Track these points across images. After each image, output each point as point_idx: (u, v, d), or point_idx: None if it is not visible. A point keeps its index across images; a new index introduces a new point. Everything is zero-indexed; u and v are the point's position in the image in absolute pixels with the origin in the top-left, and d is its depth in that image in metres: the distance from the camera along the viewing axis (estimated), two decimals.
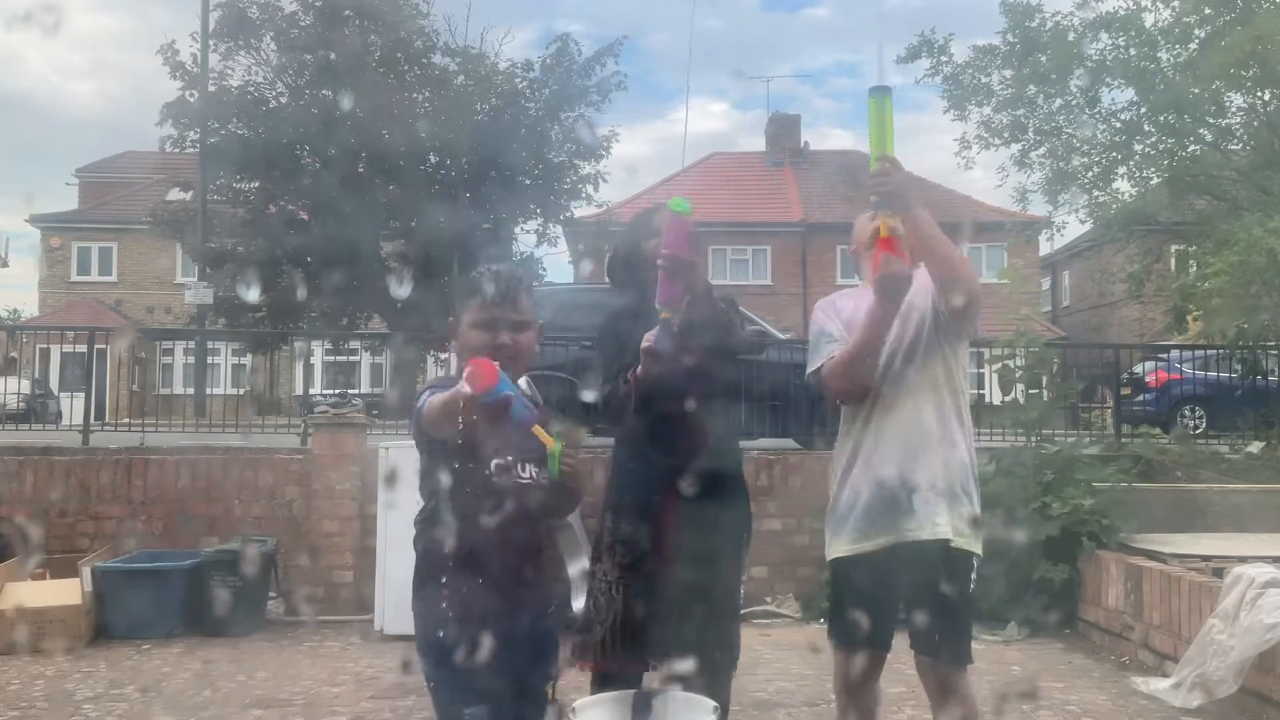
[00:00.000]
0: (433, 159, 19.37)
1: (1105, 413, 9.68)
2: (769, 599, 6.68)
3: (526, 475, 2.18)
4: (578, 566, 3.07)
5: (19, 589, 5.76)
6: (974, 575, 2.67)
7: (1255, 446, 8.09)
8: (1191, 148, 16.02)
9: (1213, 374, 10.80)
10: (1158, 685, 4.66)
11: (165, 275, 28.06)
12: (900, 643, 2.80)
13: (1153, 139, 16.13)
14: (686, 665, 2.50)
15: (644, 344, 2.63)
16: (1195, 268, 13.07)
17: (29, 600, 5.62)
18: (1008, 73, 16.95)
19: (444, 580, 2.15)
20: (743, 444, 7.64)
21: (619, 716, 2.46)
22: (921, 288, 2.63)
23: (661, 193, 29.26)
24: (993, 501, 6.27)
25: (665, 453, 2.80)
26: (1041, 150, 17.11)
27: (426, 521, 2.20)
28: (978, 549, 2.67)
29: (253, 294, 17.83)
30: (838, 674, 2.79)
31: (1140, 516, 6.28)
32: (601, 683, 2.82)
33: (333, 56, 18.18)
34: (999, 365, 7.15)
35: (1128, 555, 5.70)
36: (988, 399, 9.81)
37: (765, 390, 7.91)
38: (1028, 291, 16.27)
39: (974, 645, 2.77)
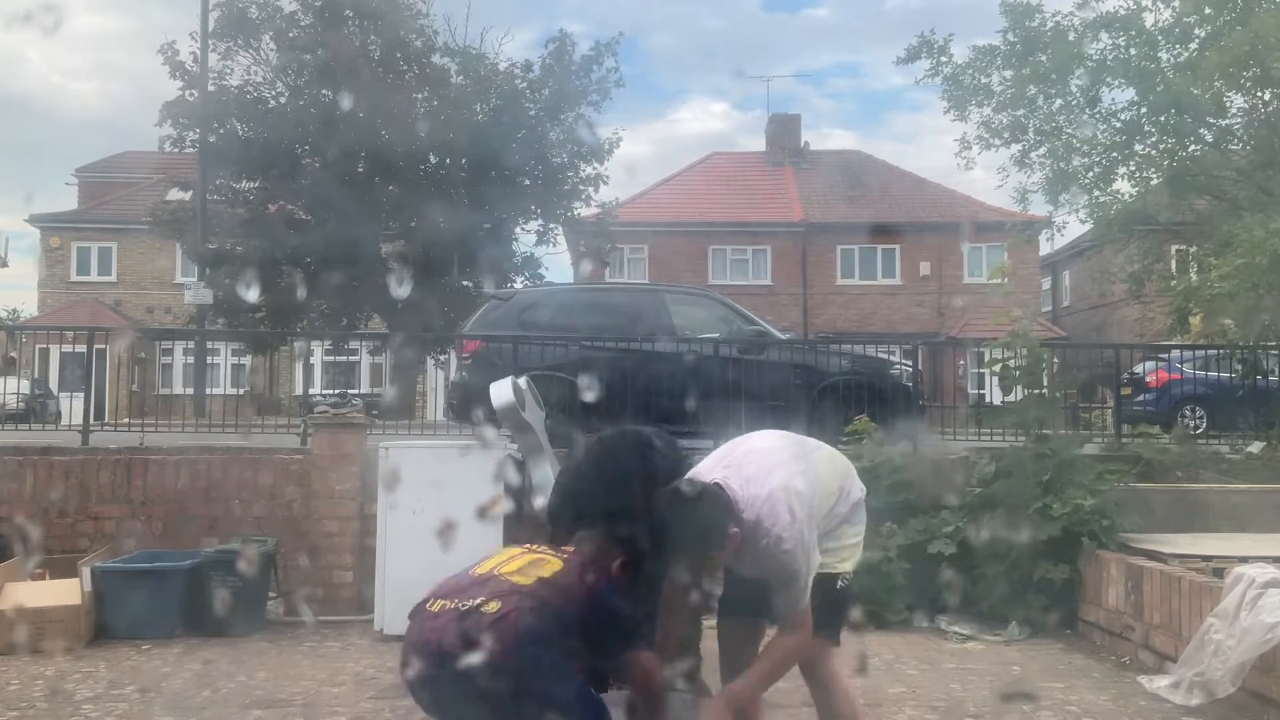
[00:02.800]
0: (433, 159, 19.36)
1: (1105, 412, 9.67)
2: None
3: None
4: None
5: (19, 589, 5.75)
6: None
7: (1255, 446, 8.09)
8: (1191, 148, 16.00)
9: (1213, 374, 10.78)
10: (1160, 683, 4.67)
11: (165, 275, 28.04)
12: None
13: (1153, 139, 16.12)
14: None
15: None
16: (1196, 269, 13.05)
17: (29, 600, 5.62)
18: (1008, 73, 16.93)
19: None
20: None
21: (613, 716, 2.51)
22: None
23: (662, 193, 29.27)
24: (993, 502, 6.29)
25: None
26: (1042, 150, 17.08)
27: None
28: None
29: (253, 294, 17.80)
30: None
31: (1140, 516, 6.29)
32: None
33: (332, 56, 18.16)
34: (999, 366, 7.14)
35: (1128, 555, 5.69)
36: (988, 399, 9.81)
37: (765, 390, 7.91)
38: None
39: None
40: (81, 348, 8.83)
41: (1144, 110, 15.83)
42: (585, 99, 19.93)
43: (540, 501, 5.91)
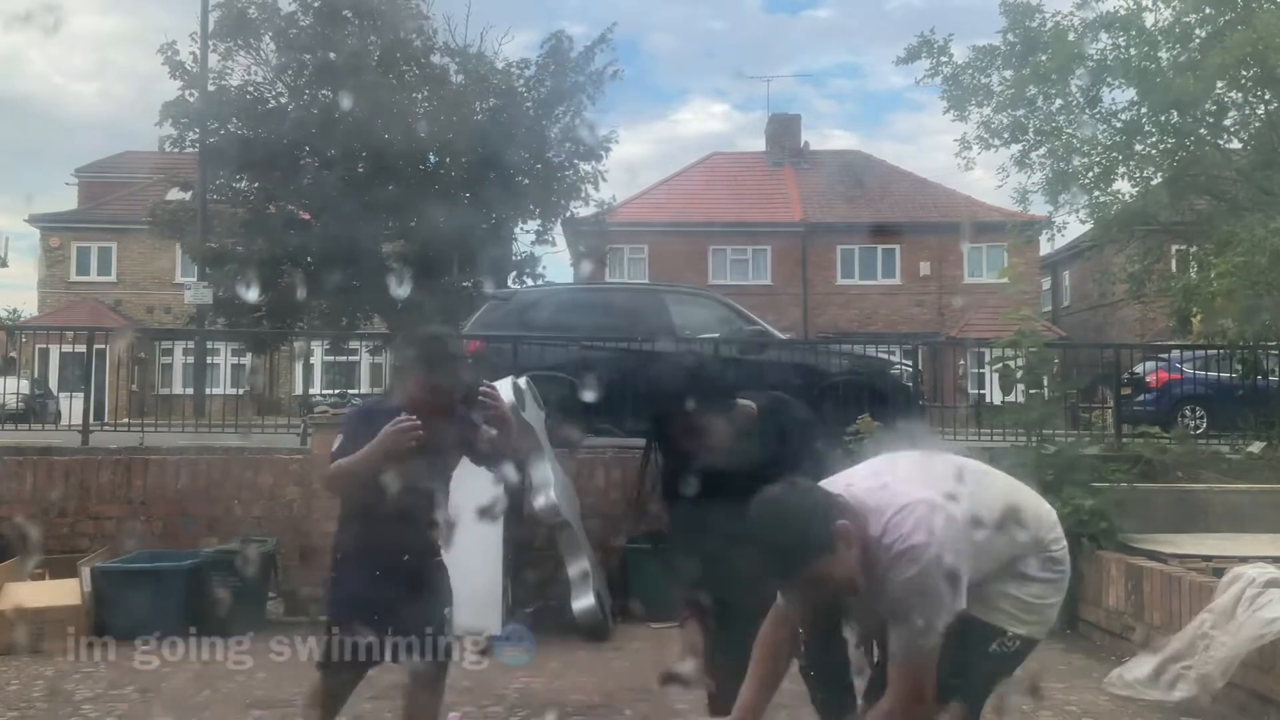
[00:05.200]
0: (432, 159, 19.35)
1: (1105, 413, 9.67)
2: None
3: None
4: (577, 567, 3.15)
5: (19, 589, 5.76)
6: None
7: (1255, 446, 8.08)
8: (1191, 148, 15.99)
9: (1213, 374, 10.79)
10: (1134, 674, 4.61)
11: (165, 275, 28.04)
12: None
13: (1153, 139, 16.10)
14: None
15: None
16: (1197, 268, 13.05)
17: (29, 600, 5.62)
18: (1008, 73, 16.91)
19: None
20: None
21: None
22: None
23: (662, 193, 29.26)
24: None
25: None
26: (1042, 151, 17.06)
27: None
28: None
29: (253, 294, 17.79)
30: None
31: (1140, 516, 6.28)
32: None
33: (332, 56, 18.16)
34: (999, 365, 7.14)
35: (1128, 555, 5.69)
36: (988, 399, 9.80)
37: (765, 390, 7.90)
38: (1026, 291, 16.14)
39: None
40: (81, 348, 8.83)
41: (1144, 110, 15.81)
42: (583, 92, 19.89)
43: (540, 501, 5.92)
